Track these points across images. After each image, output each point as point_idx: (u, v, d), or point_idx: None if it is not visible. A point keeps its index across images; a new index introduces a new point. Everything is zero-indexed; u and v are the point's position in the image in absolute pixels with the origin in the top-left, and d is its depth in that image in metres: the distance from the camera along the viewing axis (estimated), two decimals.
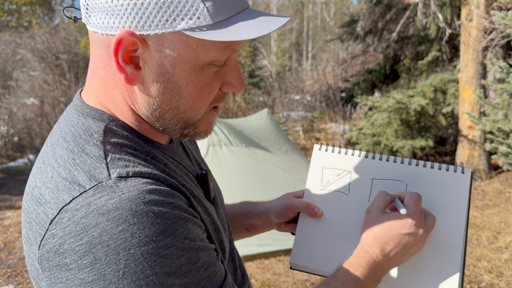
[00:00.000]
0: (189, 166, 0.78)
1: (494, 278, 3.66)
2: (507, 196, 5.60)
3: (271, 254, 3.98)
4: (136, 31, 0.59)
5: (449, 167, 0.85)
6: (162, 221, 0.57)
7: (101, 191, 0.57)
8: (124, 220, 0.55)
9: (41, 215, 0.59)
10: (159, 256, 0.56)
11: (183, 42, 0.60)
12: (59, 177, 0.60)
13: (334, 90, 12.04)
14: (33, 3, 9.20)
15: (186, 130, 0.69)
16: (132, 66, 0.62)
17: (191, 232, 0.61)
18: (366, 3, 8.76)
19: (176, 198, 0.61)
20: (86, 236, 0.55)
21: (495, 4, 4.97)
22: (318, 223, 0.90)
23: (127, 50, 0.60)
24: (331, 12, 24.29)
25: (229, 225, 0.88)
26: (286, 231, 0.99)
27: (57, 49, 11.69)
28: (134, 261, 0.55)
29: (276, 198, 1.00)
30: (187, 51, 0.61)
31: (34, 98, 12.05)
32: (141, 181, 0.59)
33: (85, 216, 0.55)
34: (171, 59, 0.61)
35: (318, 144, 0.97)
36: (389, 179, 0.88)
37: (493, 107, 4.64)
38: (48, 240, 0.57)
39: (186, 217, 0.61)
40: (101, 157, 0.61)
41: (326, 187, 0.93)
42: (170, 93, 0.64)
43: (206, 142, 4.47)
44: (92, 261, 0.54)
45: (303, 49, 31.62)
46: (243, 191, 3.92)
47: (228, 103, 10.64)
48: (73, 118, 0.67)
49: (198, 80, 0.64)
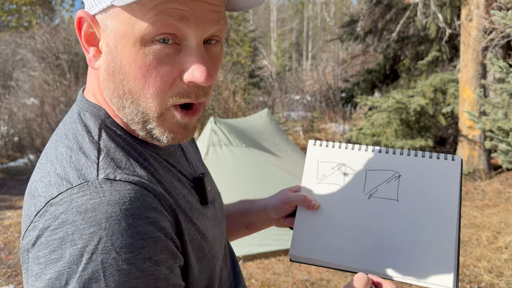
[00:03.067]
0: (186, 170, 0.76)
1: (494, 278, 3.66)
2: (507, 196, 5.60)
3: (271, 254, 3.98)
4: (90, 11, 0.61)
5: (440, 155, 0.88)
6: (132, 234, 0.55)
7: (85, 190, 0.57)
8: (97, 223, 0.54)
9: (31, 208, 0.60)
10: (117, 269, 0.54)
11: (118, 16, 0.59)
12: (54, 173, 0.60)
13: (334, 90, 12.04)
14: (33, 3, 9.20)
15: (147, 125, 0.64)
16: (94, 48, 0.63)
17: (158, 255, 0.57)
18: (366, 3, 8.76)
19: (157, 212, 0.59)
20: (60, 232, 0.55)
21: (495, 4, 4.97)
22: (316, 215, 0.92)
23: (87, 31, 0.62)
24: (331, 12, 24.27)
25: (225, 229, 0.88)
26: (285, 226, 1.00)
27: (57, 49, 11.69)
28: (92, 267, 0.53)
29: (273, 194, 1.00)
30: (123, 25, 0.59)
31: (34, 98, 12.05)
32: (126, 187, 0.58)
33: (65, 211, 0.55)
34: (113, 36, 0.60)
35: (313, 139, 0.99)
36: (383, 170, 0.90)
37: (493, 106, 4.64)
38: (30, 231, 0.58)
39: (158, 237, 0.58)
40: (95, 156, 0.61)
41: (322, 180, 0.94)
42: (118, 74, 0.61)
43: (206, 142, 4.47)
44: (58, 257, 0.54)
45: (303, 49, 31.60)
46: (242, 191, 3.92)
47: (228, 103, 10.64)
48: (75, 115, 0.68)
49: (140, 60, 0.59)
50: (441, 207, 0.85)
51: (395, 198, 0.88)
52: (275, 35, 26.55)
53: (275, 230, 3.82)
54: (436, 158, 0.88)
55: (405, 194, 0.87)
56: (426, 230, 0.84)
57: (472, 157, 6.51)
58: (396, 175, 0.89)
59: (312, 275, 3.71)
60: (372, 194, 0.89)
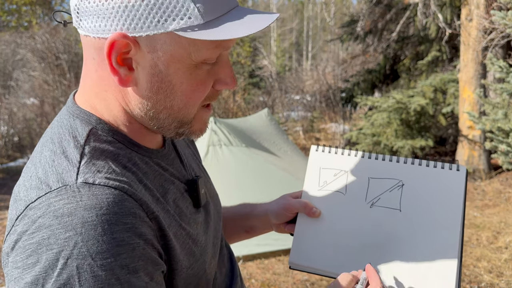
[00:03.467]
0: (179, 172, 0.76)
1: (494, 278, 3.66)
2: (507, 196, 5.61)
3: (271, 254, 3.98)
4: (128, 33, 0.60)
5: (445, 164, 0.87)
6: (108, 240, 0.55)
7: (62, 194, 0.57)
8: (73, 228, 0.54)
9: (13, 212, 0.60)
10: (92, 275, 0.53)
11: (175, 42, 0.61)
12: (36, 177, 0.61)
13: (334, 90, 12.04)
14: (33, 3, 9.20)
15: (181, 129, 0.69)
16: (125, 68, 0.62)
17: (135, 261, 0.57)
18: (366, 3, 8.76)
19: (136, 218, 0.59)
20: (37, 236, 0.55)
21: (495, 4, 4.97)
22: (316, 222, 0.91)
23: (120, 52, 0.61)
24: (331, 12, 24.27)
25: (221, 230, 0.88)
26: (285, 232, 0.99)
27: (57, 49, 11.68)
28: (67, 273, 0.53)
29: (275, 199, 1.00)
30: (179, 51, 0.61)
31: (34, 98, 12.05)
32: (104, 191, 0.58)
33: (43, 215, 0.56)
34: (164, 60, 0.61)
35: (315, 145, 0.98)
36: (386, 178, 0.89)
37: (493, 106, 4.64)
38: (10, 236, 0.58)
39: (135, 244, 0.57)
40: (77, 160, 0.61)
41: (324, 187, 0.93)
42: (164, 93, 0.64)
43: (206, 142, 4.47)
44: (34, 262, 0.54)
45: (303, 49, 31.61)
46: (242, 191, 3.92)
47: (228, 103, 10.64)
48: (64, 120, 0.68)
49: (192, 79, 0.64)
50: (444, 218, 0.83)
51: (398, 207, 0.86)
52: (275, 35, 26.55)
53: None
54: (441, 168, 0.86)
55: (408, 204, 0.86)
56: (428, 241, 0.83)
57: (472, 157, 6.51)
58: (399, 184, 0.87)
59: (312, 275, 3.71)
60: (374, 203, 0.88)
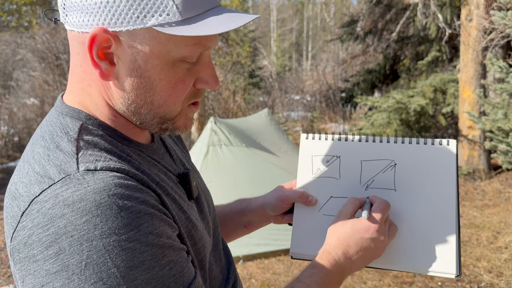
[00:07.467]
0: (171, 166, 0.78)
1: (494, 278, 3.66)
2: (507, 196, 5.61)
3: (271, 254, 3.98)
4: (109, 28, 0.62)
5: (434, 140, 0.87)
6: (126, 215, 0.57)
7: (68, 183, 0.58)
8: (88, 212, 0.56)
9: (14, 209, 0.61)
10: (121, 249, 0.56)
11: (154, 38, 0.62)
12: (33, 172, 0.61)
13: (334, 90, 12.05)
14: (33, 3, 9.19)
15: (164, 125, 0.70)
16: (106, 62, 0.64)
17: (157, 228, 0.60)
18: (366, 3, 8.77)
19: (144, 193, 0.62)
20: (52, 227, 0.56)
21: (495, 4, 4.97)
22: (314, 210, 0.92)
23: (101, 46, 0.63)
24: (331, 12, 24.29)
25: (216, 224, 0.89)
26: (283, 222, 1.00)
27: (57, 49, 11.68)
28: (96, 253, 0.55)
29: (270, 191, 1.00)
30: (158, 47, 0.63)
31: (35, 98, 12.06)
32: (108, 175, 0.60)
33: (52, 207, 0.56)
34: (143, 55, 0.63)
35: (305, 133, 0.98)
36: (378, 159, 0.89)
37: (493, 106, 4.64)
38: (19, 232, 0.58)
39: (153, 212, 0.61)
40: (73, 152, 0.62)
41: (317, 174, 0.94)
42: (143, 88, 0.66)
43: (206, 142, 4.47)
44: (57, 251, 0.55)
45: (303, 49, 31.62)
46: (242, 190, 3.92)
47: (228, 103, 10.64)
48: (53, 118, 0.69)
49: (171, 76, 0.65)
50: (439, 193, 0.84)
51: (393, 187, 0.87)
52: (275, 35, 26.55)
53: (274, 230, 3.82)
54: (431, 144, 0.87)
55: (402, 183, 0.87)
56: (426, 218, 0.84)
57: (472, 157, 6.51)
58: (391, 164, 0.88)
59: None
60: (369, 185, 0.89)
